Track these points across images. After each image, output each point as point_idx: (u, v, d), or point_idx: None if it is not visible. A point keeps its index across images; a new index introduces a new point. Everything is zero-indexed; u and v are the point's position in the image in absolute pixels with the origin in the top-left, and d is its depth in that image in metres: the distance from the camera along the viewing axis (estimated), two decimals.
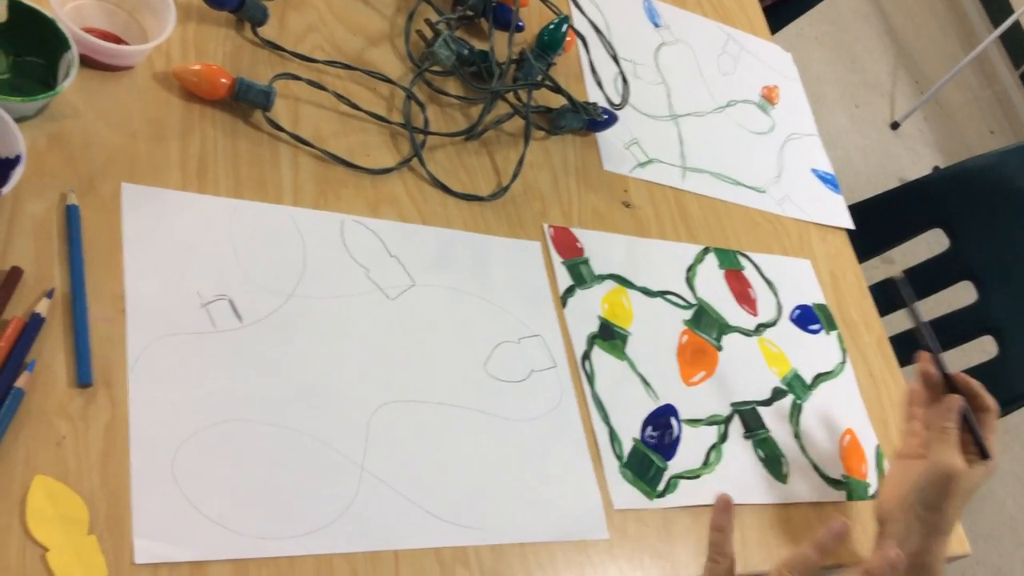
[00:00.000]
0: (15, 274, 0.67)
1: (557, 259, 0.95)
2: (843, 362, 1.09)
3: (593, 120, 1.05)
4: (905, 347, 1.19)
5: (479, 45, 1.02)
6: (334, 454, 0.73)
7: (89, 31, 0.78)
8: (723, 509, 0.78)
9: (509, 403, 0.83)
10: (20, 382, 0.63)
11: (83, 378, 0.65)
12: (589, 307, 0.94)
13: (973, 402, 0.90)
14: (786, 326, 1.07)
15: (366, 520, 0.71)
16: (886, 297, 1.25)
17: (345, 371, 0.77)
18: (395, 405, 0.78)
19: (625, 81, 1.09)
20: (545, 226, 0.96)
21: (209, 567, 0.64)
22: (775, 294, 1.09)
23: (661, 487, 0.86)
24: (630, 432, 0.88)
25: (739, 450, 0.93)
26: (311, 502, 0.70)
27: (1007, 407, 1.33)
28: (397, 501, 0.73)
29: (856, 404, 1.06)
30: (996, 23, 3.32)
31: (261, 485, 0.68)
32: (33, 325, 0.66)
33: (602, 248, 0.99)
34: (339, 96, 0.91)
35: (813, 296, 1.13)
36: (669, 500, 0.86)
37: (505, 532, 0.76)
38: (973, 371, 1.38)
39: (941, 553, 0.86)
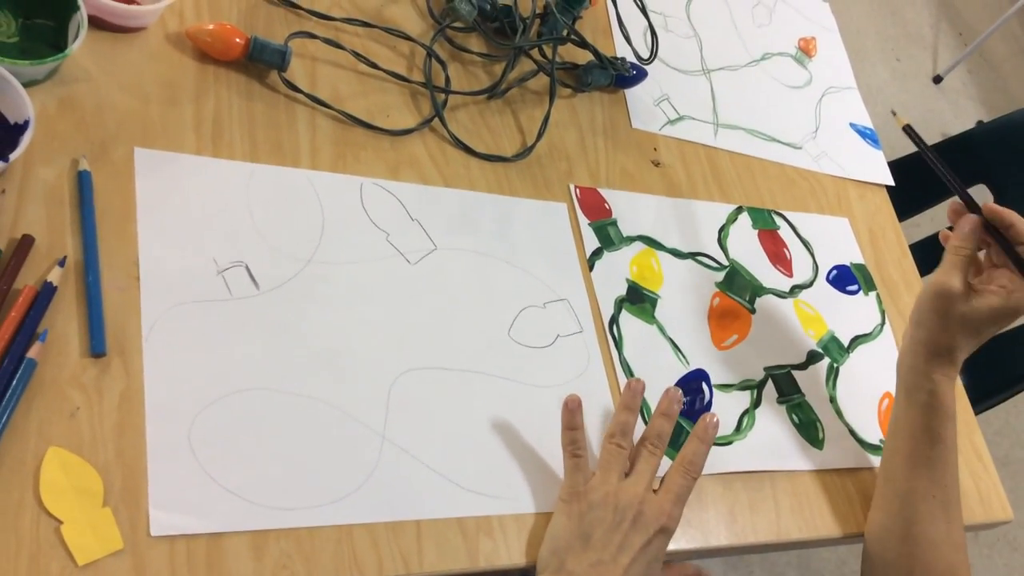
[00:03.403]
0: (26, 242, 0.66)
1: (584, 221, 0.92)
2: (882, 324, 1.05)
3: (621, 76, 1.02)
4: None
5: (502, 0, 0.99)
6: (354, 423, 0.71)
7: None
8: (574, 410, 0.76)
9: (534, 369, 0.81)
10: (32, 352, 0.62)
11: (96, 348, 0.64)
12: (617, 270, 0.91)
13: (1009, 232, 0.84)
14: (822, 287, 1.04)
15: (387, 489, 0.70)
16: (927, 256, 1.21)
17: (365, 338, 0.75)
18: (416, 372, 0.76)
19: (655, 35, 1.05)
20: (571, 187, 0.94)
21: (226, 538, 0.63)
22: (811, 254, 1.06)
23: None
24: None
25: (773, 415, 0.91)
26: (331, 472, 0.68)
27: None
28: (419, 470, 0.72)
29: (895, 367, 1.03)
30: None
31: (279, 455, 0.67)
32: (45, 294, 0.64)
33: (631, 209, 0.96)
34: (357, 55, 0.88)
35: (851, 256, 1.09)
36: None
37: (530, 501, 0.75)
38: (1016, 332, 1.34)
39: (942, 380, 0.83)
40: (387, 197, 0.83)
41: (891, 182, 1.19)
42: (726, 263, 0.98)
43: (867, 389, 0.99)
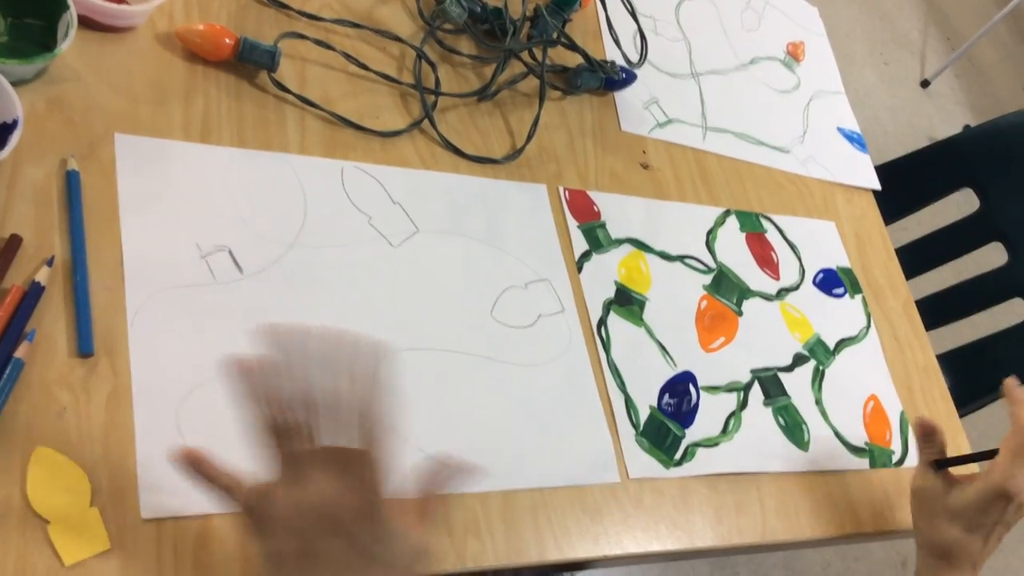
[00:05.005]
0: (14, 242, 0.66)
1: (573, 223, 0.92)
2: (868, 327, 1.06)
3: (611, 79, 1.02)
4: (932, 311, 1.16)
5: (492, 2, 0.99)
6: None
7: None
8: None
9: (517, 349, 0.82)
10: (20, 352, 0.62)
11: (84, 348, 0.64)
12: (606, 272, 0.91)
13: (933, 438, 0.84)
14: (809, 290, 1.04)
15: None
16: (913, 260, 1.22)
17: (349, 320, 0.76)
18: (401, 353, 0.76)
19: (644, 38, 1.05)
20: (561, 189, 0.94)
21: (215, 520, 0.63)
22: (798, 257, 1.06)
23: (678, 456, 0.84)
24: (647, 400, 0.86)
25: (759, 417, 0.91)
26: None
27: None
28: (405, 448, 0.72)
29: (880, 370, 1.03)
30: None
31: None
32: (33, 294, 0.64)
33: (619, 211, 0.96)
34: (347, 56, 0.88)
35: (837, 259, 1.10)
36: (686, 469, 0.84)
37: (515, 478, 0.75)
38: (1003, 334, 1.35)
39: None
40: (369, 181, 0.83)
41: (878, 186, 1.20)
42: (714, 266, 0.99)
43: (853, 392, 1.00)
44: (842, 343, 1.02)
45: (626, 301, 0.91)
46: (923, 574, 0.82)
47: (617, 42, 1.04)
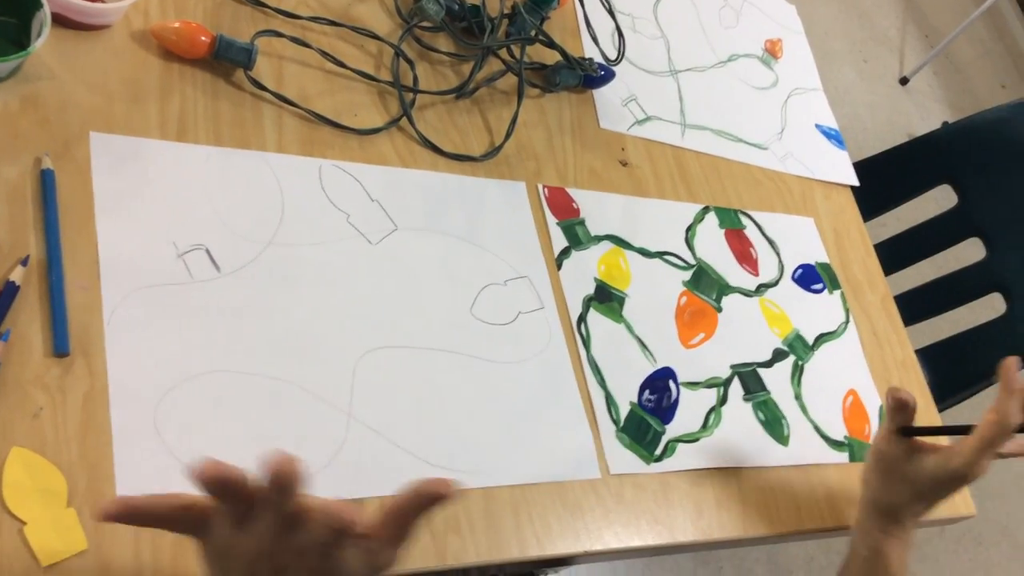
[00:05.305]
0: None
1: (552, 220, 0.92)
2: (846, 322, 1.07)
3: (589, 76, 1.02)
4: (910, 306, 1.17)
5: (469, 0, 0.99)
6: (320, 402, 0.71)
7: None
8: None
9: (497, 346, 0.82)
10: None
11: (60, 347, 0.64)
12: (585, 269, 0.91)
13: (904, 412, 0.82)
14: (788, 286, 1.05)
15: (354, 467, 0.70)
16: (891, 255, 1.23)
17: (328, 318, 0.75)
18: (381, 351, 0.76)
19: (622, 36, 1.05)
20: (540, 186, 0.94)
21: None
22: (777, 253, 1.07)
23: (659, 451, 0.85)
24: (627, 396, 0.86)
25: (739, 412, 0.92)
26: (297, 451, 0.68)
27: None
28: (386, 447, 0.72)
29: (859, 364, 1.04)
30: None
31: (245, 435, 0.67)
32: (8, 293, 0.64)
33: (599, 208, 0.96)
34: (324, 54, 0.88)
35: (816, 255, 1.10)
36: (667, 464, 0.84)
37: (495, 475, 0.76)
38: (981, 329, 1.36)
39: (885, 539, 0.82)
40: (346, 178, 0.83)
41: (856, 182, 1.21)
42: (693, 262, 0.99)
43: (832, 386, 1.00)
44: (821, 338, 1.03)
45: (606, 298, 0.91)
46: (865, 525, 0.83)
47: (595, 39, 1.05)
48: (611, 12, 1.05)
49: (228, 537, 0.51)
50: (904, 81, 3.02)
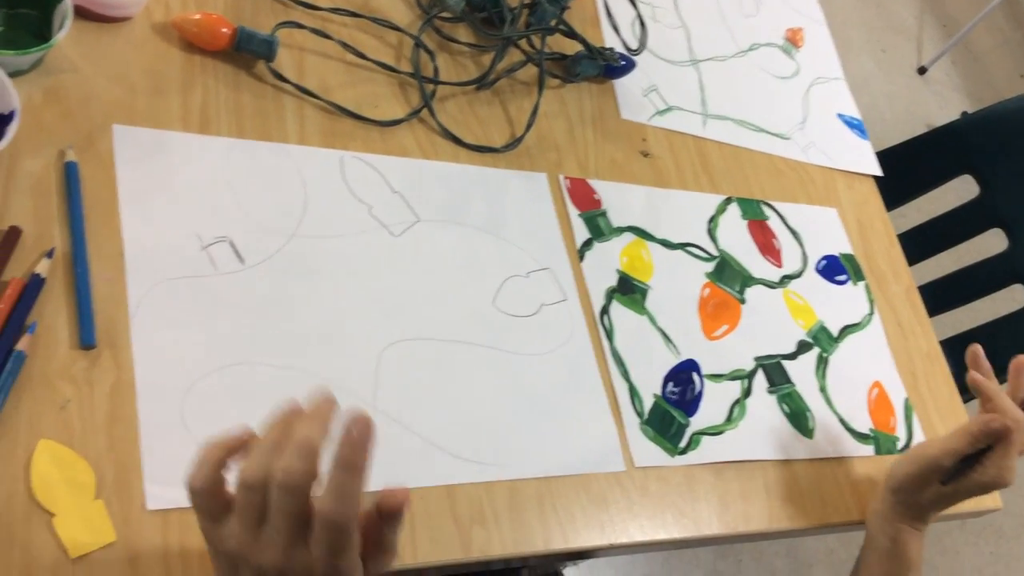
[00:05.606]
0: (13, 234, 0.65)
1: (574, 211, 0.92)
2: (871, 313, 1.06)
3: (610, 66, 1.02)
4: (930, 298, 1.15)
5: None
6: (344, 393, 0.71)
7: None
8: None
9: (519, 338, 0.81)
10: (21, 345, 0.61)
11: (86, 340, 0.64)
12: (607, 260, 0.91)
13: (986, 407, 0.84)
14: (812, 277, 1.04)
15: (378, 459, 0.70)
16: (912, 246, 1.21)
17: (352, 310, 0.75)
18: (404, 343, 0.76)
19: (643, 25, 1.05)
20: (561, 178, 0.93)
21: None
22: (800, 244, 1.06)
23: (683, 444, 0.84)
24: (651, 388, 0.85)
25: (763, 405, 0.91)
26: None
27: None
28: (409, 439, 0.72)
29: (884, 356, 1.03)
30: None
31: None
32: (33, 286, 0.64)
33: (620, 200, 0.96)
34: (345, 45, 0.88)
35: (840, 246, 1.09)
36: (691, 457, 0.84)
37: (520, 467, 0.75)
38: (1002, 321, 1.35)
39: (906, 529, 0.85)
40: (368, 170, 0.83)
41: (879, 172, 1.20)
42: (716, 254, 0.99)
43: (856, 378, 0.99)
44: (845, 330, 1.02)
45: (628, 289, 0.90)
46: (887, 515, 0.85)
47: (616, 29, 1.04)
48: (632, 1, 1.04)
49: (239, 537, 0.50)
50: (922, 71, 3.00)
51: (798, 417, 0.92)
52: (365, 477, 0.49)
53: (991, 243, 1.40)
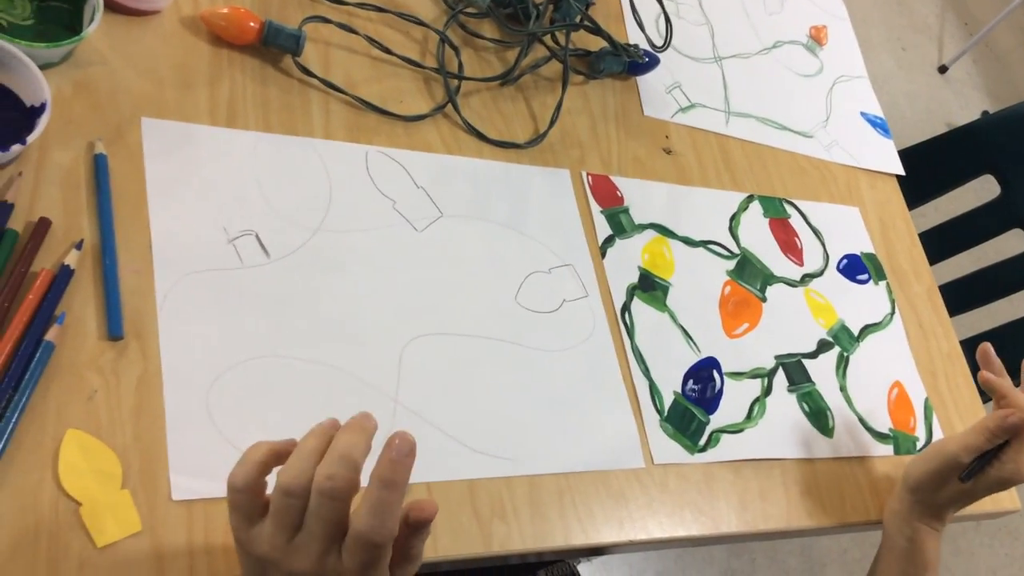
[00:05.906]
0: (43, 225, 0.66)
1: (596, 208, 0.92)
2: (892, 313, 1.05)
3: (634, 63, 1.02)
4: (953, 297, 1.15)
5: None
6: (367, 388, 0.72)
7: None
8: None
9: (541, 334, 0.82)
10: (50, 335, 0.62)
11: (114, 331, 0.64)
12: (629, 257, 0.91)
13: (1000, 404, 0.84)
14: (833, 276, 1.04)
15: None
16: (932, 246, 1.21)
17: (375, 305, 0.76)
18: (427, 338, 0.76)
19: (668, 22, 1.04)
20: (584, 174, 0.93)
21: None
22: (822, 243, 1.06)
23: (703, 441, 0.84)
24: (671, 385, 0.85)
25: (783, 403, 0.91)
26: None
27: None
28: (431, 433, 0.73)
29: (905, 356, 1.03)
30: None
31: (294, 419, 0.68)
32: (62, 277, 0.64)
33: (642, 196, 0.96)
34: (371, 40, 0.88)
35: (861, 245, 1.09)
36: (711, 455, 0.84)
37: (540, 463, 0.75)
38: (1021, 322, 1.34)
39: (924, 529, 0.85)
40: (392, 165, 0.83)
41: (901, 171, 1.19)
42: (737, 251, 0.98)
43: (877, 378, 0.99)
44: (866, 329, 1.02)
45: (650, 286, 0.90)
46: (904, 515, 0.85)
47: (641, 26, 1.04)
48: None
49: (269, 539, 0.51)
50: (943, 70, 2.98)
51: (818, 416, 0.92)
52: (403, 495, 0.49)
53: (1012, 244, 1.39)
